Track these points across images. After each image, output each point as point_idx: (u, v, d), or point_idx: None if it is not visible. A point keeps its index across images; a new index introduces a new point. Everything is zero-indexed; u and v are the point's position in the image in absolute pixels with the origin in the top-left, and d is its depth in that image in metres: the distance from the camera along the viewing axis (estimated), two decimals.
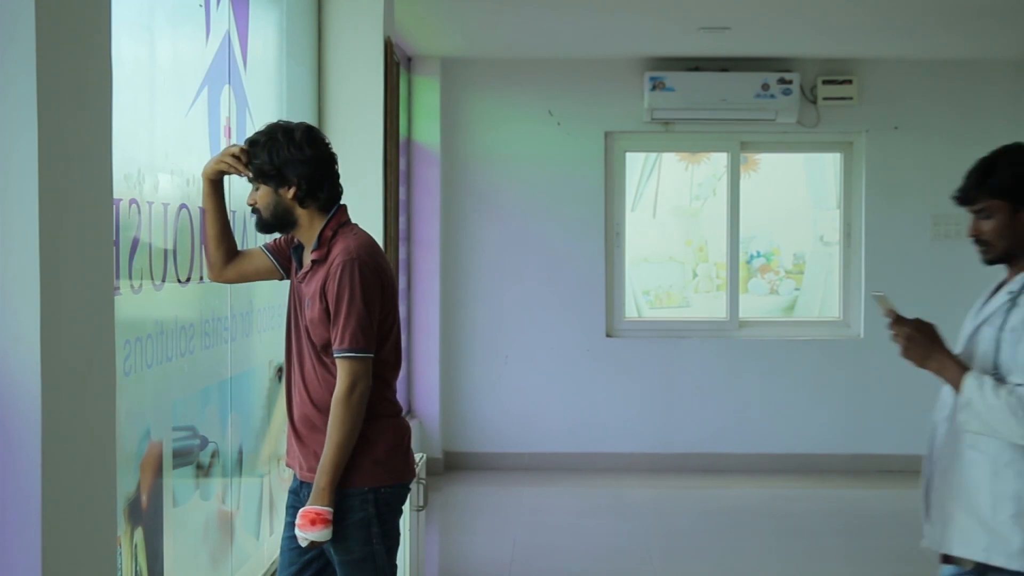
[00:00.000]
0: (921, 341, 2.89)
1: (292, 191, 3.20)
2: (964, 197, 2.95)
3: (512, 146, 8.16)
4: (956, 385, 2.82)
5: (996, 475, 2.81)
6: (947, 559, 2.96)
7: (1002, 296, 2.91)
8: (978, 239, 2.94)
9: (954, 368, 2.84)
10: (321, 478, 3.12)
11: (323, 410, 3.20)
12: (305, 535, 3.12)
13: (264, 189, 3.22)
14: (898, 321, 2.91)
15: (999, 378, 2.80)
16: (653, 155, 8.47)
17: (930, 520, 2.97)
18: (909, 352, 2.89)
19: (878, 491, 7.61)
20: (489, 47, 7.79)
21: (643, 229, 8.49)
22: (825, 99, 8.02)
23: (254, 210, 3.26)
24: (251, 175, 3.25)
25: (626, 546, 6.26)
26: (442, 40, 7.52)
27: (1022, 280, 2.88)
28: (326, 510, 3.11)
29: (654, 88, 7.88)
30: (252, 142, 3.24)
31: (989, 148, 9.39)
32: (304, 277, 3.25)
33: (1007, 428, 2.74)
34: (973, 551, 2.86)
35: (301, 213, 3.23)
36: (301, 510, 3.15)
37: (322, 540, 3.13)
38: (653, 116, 7.99)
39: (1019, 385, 2.73)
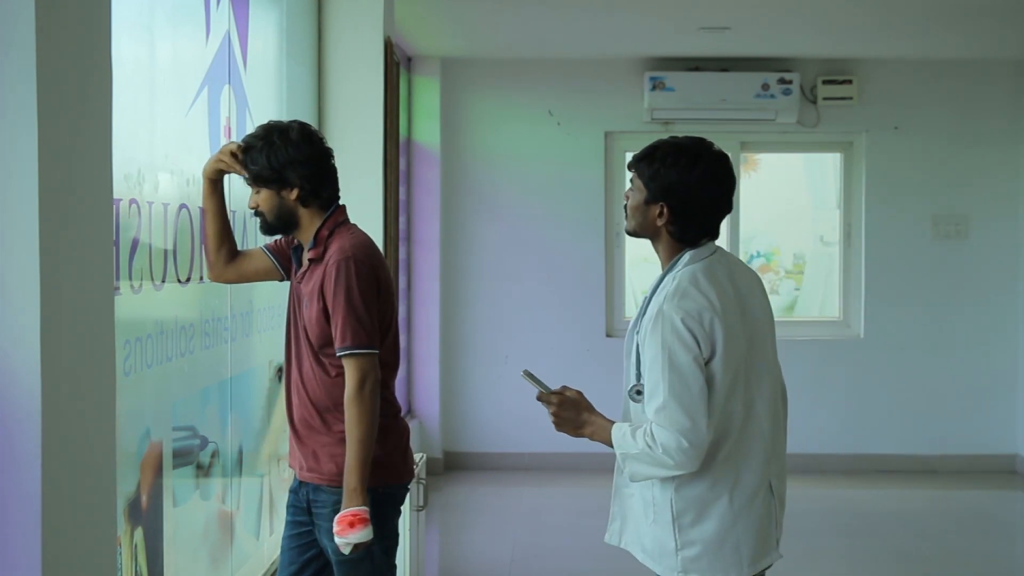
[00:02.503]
0: (568, 412, 2.87)
1: (295, 192, 3.18)
2: (631, 162, 2.90)
3: (512, 146, 8.15)
4: (609, 443, 2.81)
5: (642, 482, 2.85)
6: None
7: (645, 300, 2.89)
8: (625, 205, 2.93)
9: (604, 428, 2.83)
10: (350, 479, 3.07)
11: (321, 411, 3.19)
12: (347, 540, 3.05)
13: (266, 192, 3.19)
14: (541, 398, 2.89)
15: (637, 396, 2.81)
16: None
17: (611, 514, 2.99)
18: (561, 425, 2.88)
19: (878, 491, 7.61)
20: (489, 47, 7.79)
21: None
22: (825, 99, 8.02)
23: (256, 213, 3.24)
24: (247, 176, 3.24)
25: None
26: (442, 40, 7.52)
27: (654, 284, 2.86)
28: (362, 510, 3.06)
29: (654, 88, 7.88)
30: (248, 147, 3.20)
31: (989, 148, 9.39)
32: (302, 277, 3.25)
33: (656, 467, 2.73)
34: (635, 549, 2.92)
35: (303, 213, 3.21)
36: (338, 515, 3.07)
37: (364, 540, 3.07)
38: (653, 116, 7.99)
39: (647, 431, 2.72)
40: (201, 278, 3.70)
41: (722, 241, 9.32)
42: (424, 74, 7.97)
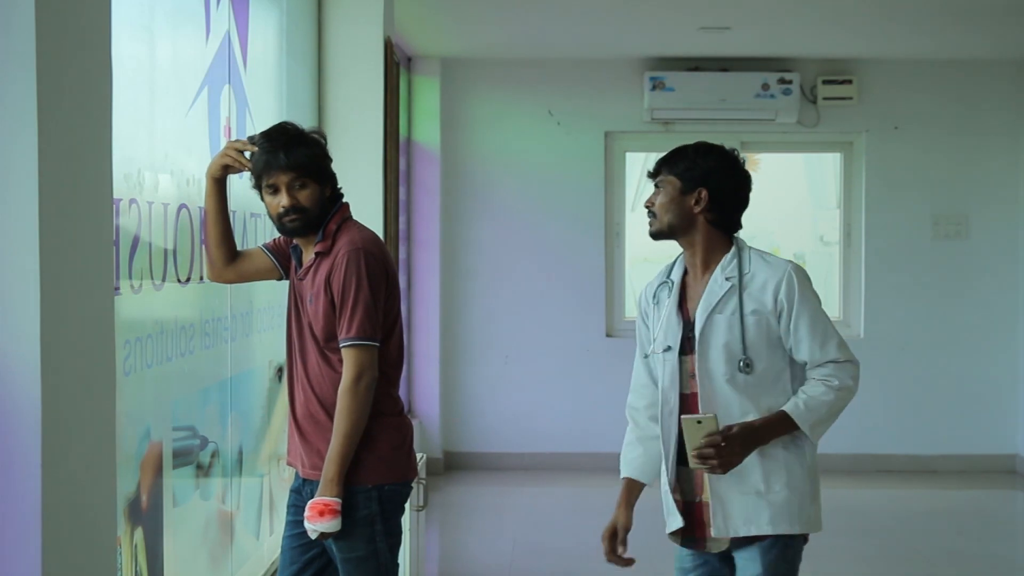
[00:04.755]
0: (738, 448, 2.86)
1: (329, 189, 3.23)
2: (652, 171, 3.14)
3: (512, 146, 8.15)
4: (790, 430, 2.91)
5: (762, 451, 2.91)
6: (689, 543, 3.04)
7: (720, 283, 3.08)
8: (649, 209, 3.15)
9: (774, 424, 2.91)
10: (329, 469, 3.11)
11: (328, 407, 3.18)
12: (314, 527, 3.10)
13: (314, 187, 3.17)
14: (711, 442, 2.85)
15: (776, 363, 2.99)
16: (653, 155, 8.46)
17: (712, 511, 2.94)
18: (729, 464, 2.86)
19: (878, 491, 7.61)
20: (489, 47, 7.79)
21: (643, 229, 8.45)
22: (825, 99, 8.02)
23: (295, 210, 3.15)
24: (258, 173, 3.22)
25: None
26: (442, 40, 7.52)
27: (734, 265, 3.12)
28: (335, 501, 3.10)
29: (654, 88, 7.88)
30: (297, 136, 3.19)
31: (989, 148, 9.37)
32: (306, 273, 3.24)
33: (848, 400, 2.98)
34: (759, 526, 2.93)
35: (328, 209, 3.24)
36: (310, 502, 3.13)
37: (331, 531, 3.11)
38: (653, 116, 7.99)
39: (826, 377, 2.95)
40: (201, 278, 3.70)
41: None
42: (424, 74, 7.97)
